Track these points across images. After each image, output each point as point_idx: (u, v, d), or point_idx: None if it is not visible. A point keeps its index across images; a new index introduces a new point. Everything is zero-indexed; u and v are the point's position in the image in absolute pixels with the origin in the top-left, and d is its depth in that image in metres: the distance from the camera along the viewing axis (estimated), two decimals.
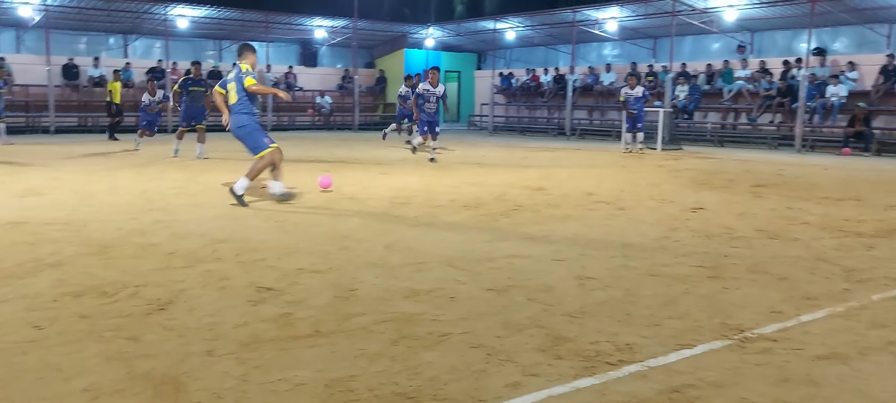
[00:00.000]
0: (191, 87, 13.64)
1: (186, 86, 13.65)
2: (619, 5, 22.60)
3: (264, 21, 25.46)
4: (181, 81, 13.80)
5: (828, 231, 6.66)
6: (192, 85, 13.69)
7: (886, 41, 19.64)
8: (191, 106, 13.64)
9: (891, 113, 17.71)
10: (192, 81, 13.73)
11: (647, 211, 7.76)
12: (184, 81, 13.74)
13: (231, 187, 7.95)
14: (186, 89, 13.62)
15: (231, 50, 28.12)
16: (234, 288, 4.48)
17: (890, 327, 3.87)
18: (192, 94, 13.64)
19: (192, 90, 13.65)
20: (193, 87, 13.68)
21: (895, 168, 13.32)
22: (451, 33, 30.10)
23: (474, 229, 6.58)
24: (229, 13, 25.16)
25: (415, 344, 3.51)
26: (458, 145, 18.67)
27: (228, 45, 28.10)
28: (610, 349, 3.48)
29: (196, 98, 13.71)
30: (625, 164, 13.48)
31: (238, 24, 26.12)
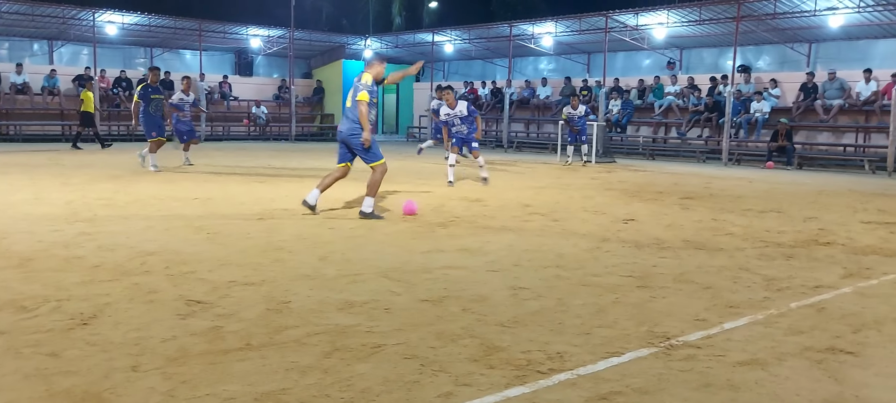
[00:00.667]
0: (152, 96, 12.73)
1: (147, 94, 12.69)
2: (555, 21, 23.07)
3: (197, 29, 24.97)
4: (140, 90, 12.81)
5: (750, 241, 6.93)
6: (152, 92, 12.76)
7: (806, 59, 20.60)
8: (154, 116, 12.73)
9: (811, 128, 18.56)
10: (151, 89, 12.80)
11: (581, 222, 7.92)
12: (143, 89, 12.76)
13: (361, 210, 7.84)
14: (147, 98, 12.67)
15: (162, 58, 27.49)
16: (163, 301, 4.37)
17: (806, 333, 4.04)
18: (154, 103, 12.75)
19: (154, 98, 12.76)
20: (154, 95, 12.79)
21: (814, 181, 13.95)
22: (389, 45, 30.13)
23: (411, 240, 6.59)
24: (160, 20, 24.61)
25: (348, 356, 3.49)
26: (397, 157, 18.67)
27: (160, 53, 27.47)
28: (541, 357, 3.53)
29: (157, 107, 12.86)
30: (560, 177, 13.73)
31: (170, 31, 25.55)
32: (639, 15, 20.94)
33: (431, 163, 16.62)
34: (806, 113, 18.53)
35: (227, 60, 29.17)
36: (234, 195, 9.62)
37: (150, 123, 12.66)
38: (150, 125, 12.66)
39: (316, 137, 28.16)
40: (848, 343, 3.89)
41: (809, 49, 20.67)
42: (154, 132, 12.68)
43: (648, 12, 20.69)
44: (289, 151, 20.12)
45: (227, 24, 26.40)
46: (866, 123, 17.73)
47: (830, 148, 18.40)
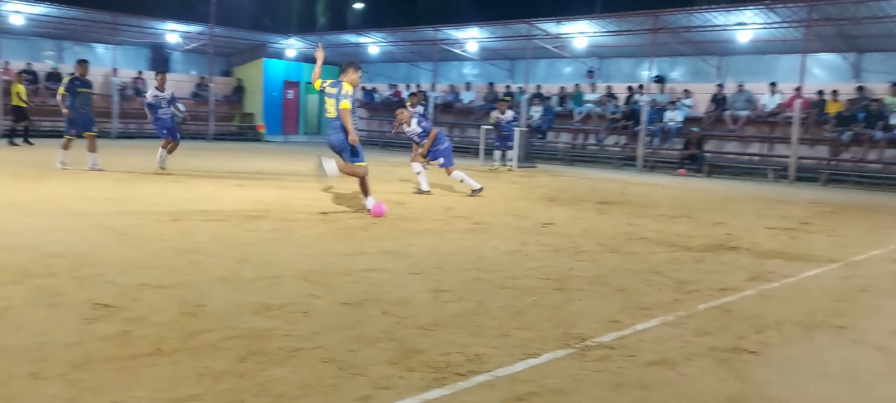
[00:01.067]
0: (79, 89, 11.99)
1: (74, 87, 11.93)
2: (479, 27, 23.32)
3: (111, 23, 23.99)
4: (67, 82, 12.01)
5: (662, 245, 7.18)
6: (80, 86, 12.03)
7: (716, 71, 21.53)
8: (79, 111, 11.97)
9: (720, 138, 19.40)
10: (79, 82, 12.05)
11: (502, 225, 8.02)
12: (70, 82, 11.99)
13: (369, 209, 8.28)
14: (74, 92, 11.92)
15: (73, 51, 26.27)
16: (68, 305, 4.17)
17: (713, 334, 4.22)
18: (80, 97, 12.00)
19: (81, 92, 12.03)
20: (82, 89, 12.05)
21: (723, 188, 14.58)
22: (312, 45, 29.72)
23: (332, 243, 6.52)
24: (71, 12, 23.47)
25: (264, 361, 3.42)
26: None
27: (70, 46, 26.25)
28: (460, 360, 3.56)
29: (84, 101, 12.11)
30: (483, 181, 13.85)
31: (82, 24, 24.45)
32: (561, 23, 21.41)
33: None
34: (715, 123, 19.36)
35: (142, 55, 28.16)
36: (148, 195, 9.29)
37: (76, 118, 12.00)
38: (75, 120, 12.01)
39: (235, 137, 27.49)
40: (751, 343, 4.08)
41: (719, 62, 21.61)
42: (73, 130, 12.02)
43: (570, 21, 21.18)
44: (207, 150, 19.57)
45: (142, 19, 25.46)
46: (771, 134, 18.66)
47: (738, 156, 19.28)
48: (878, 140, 16.41)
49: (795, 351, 3.99)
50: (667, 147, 19.65)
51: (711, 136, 19.44)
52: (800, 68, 16.95)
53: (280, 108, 29.71)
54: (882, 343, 4.23)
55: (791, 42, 19.08)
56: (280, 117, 29.63)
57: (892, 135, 16.25)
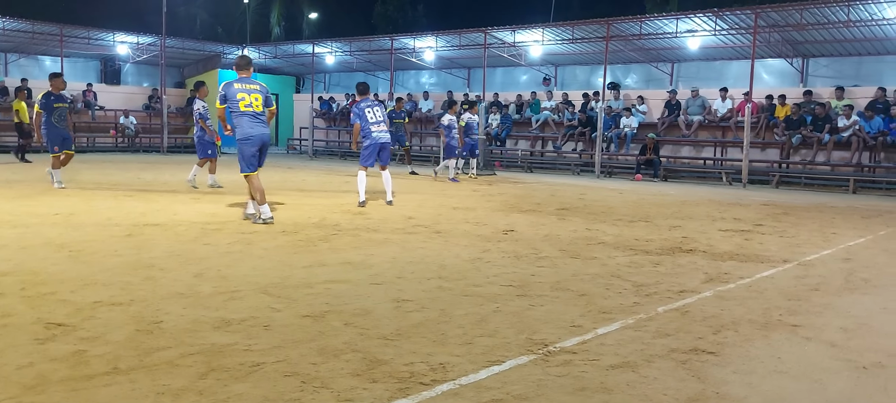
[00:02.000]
0: (55, 104, 11.49)
1: (50, 103, 11.44)
2: (435, 35, 23.38)
3: (58, 34, 23.41)
4: (42, 99, 11.49)
5: (621, 249, 7.27)
6: (56, 101, 11.53)
7: (669, 78, 21.95)
8: (57, 127, 11.48)
9: (675, 143, 19.77)
10: (55, 97, 11.55)
11: (462, 234, 8.03)
12: (46, 98, 11.47)
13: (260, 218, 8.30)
14: (50, 108, 11.42)
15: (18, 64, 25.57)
16: (18, 325, 4.04)
17: (672, 336, 4.29)
18: (57, 112, 11.50)
19: (58, 107, 11.53)
20: (58, 104, 11.55)
21: (678, 192, 14.84)
22: (267, 55, 29.46)
23: (292, 255, 6.45)
24: (17, 24, 22.85)
25: (224, 376, 3.36)
26: (277, 170, 18.26)
27: (16, 58, 25.54)
28: (424, 369, 3.55)
29: (62, 116, 11.65)
30: (443, 189, 13.88)
31: (28, 36, 23.80)
32: (516, 32, 21.60)
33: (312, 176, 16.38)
34: (670, 128, 19.72)
35: (92, 68, 27.53)
36: (101, 210, 9.07)
37: (53, 135, 11.47)
38: (54, 137, 11.48)
39: (190, 149, 26.96)
40: (709, 343, 4.16)
41: (672, 68, 22.04)
42: (56, 146, 11.48)
43: (525, 30, 21.38)
44: (161, 163, 19.21)
45: (91, 30, 24.90)
46: (723, 138, 19.09)
47: (692, 161, 19.67)
48: (826, 143, 16.90)
49: (752, 350, 4.07)
50: (623, 152, 19.94)
51: (666, 141, 19.79)
52: (749, 74, 17.38)
53: None
54: (834, 339, 4.35)
55: (740, 48, 19.57)
56: None
57: (838, 137, 16.75)
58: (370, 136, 10.33)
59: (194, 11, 42.92)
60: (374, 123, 10.37)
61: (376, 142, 10.33)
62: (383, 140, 10.38)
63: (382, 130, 10.40)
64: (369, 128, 10.33)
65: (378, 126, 10.38)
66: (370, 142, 10.34)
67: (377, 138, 10.34)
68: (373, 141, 10.33)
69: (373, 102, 10.61)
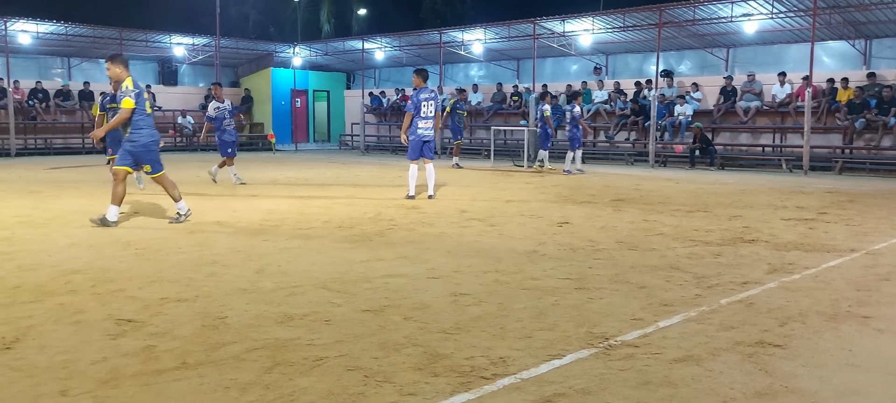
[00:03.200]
0: (109, 105, 10.89)
1: (104, 103, 11.06)
2: (484, 28, 23.29)
3: (118, 38, 24.13)
4: (100, 99, 11.16)
5: (680, 241, 7.14)
6: (110, 102, 10.76)
7: (725, 64, 21.42)
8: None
9: (732, 130, 19.29)
10: (110, 98, 10.77)
11: (518, 226, 8.00)
12: (102, 97, 11.09)
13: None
14: (107, 108, 10.94)
15: (81, 67, 26.45)
16: (91, 321, 4.19)
17: (737, 328, 4.19)
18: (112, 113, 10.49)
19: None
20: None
21: (737, 181, 14.49)
22: (318, 53, 29.83)
23: (349, 250, 6.52)
24: (78, 29, 23.64)
25: (289, 371, 3.42)
26: (331, 165, 18.49)
27: (78, 63, 26.43)
28: (485, 363, 3.55)
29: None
30: (495, 182, 13.85)
31: (89, 40, 24.58)
32: (565, 22, 21.35)
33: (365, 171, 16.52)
34: (726, 115, 19.25)
35: (150, 69, 28.31)
36: (163, 208, 9.33)
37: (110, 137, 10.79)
38: (111, 140, 10.87)
39: (244, 147, 27.56)
40: (776, 336, 4.05)
41: (727, 53, 21.49)
42: (110, 149, 11.02)
43: (575, 19, 21.12)
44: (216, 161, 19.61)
45: (148, 33, 25.60)
46: (782, 124, 18.55)
47: (750, 148, 19.16)
48: (892, 126, 16.27)
49: (821, 343, 3.95)
50: (678, 141, 19.56)
51: (722, 129, 19.34)
52: (809, 57, 16.83)
53: (289, 117, 29.82)
54: None
55: (799, 31, 18.95)
56: (289, 126, 29.74)
57: None
58: (415, 132, 10.41)
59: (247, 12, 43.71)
60: (424, 118, 10.41)
61: (420, 139, 10.42)
62: (427, 137, 10.43)
63: (429, 127, 10.45)
64: (417, 124, 10.39)
65: (426, 122, 10.42)
66: (414, 138, 10.43)
67: (422, 135, 10.41)
68: (417, 137, 10.42)
69: (431, 94, 10.54)
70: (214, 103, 13.11)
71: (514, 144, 22.34)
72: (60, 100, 23.80)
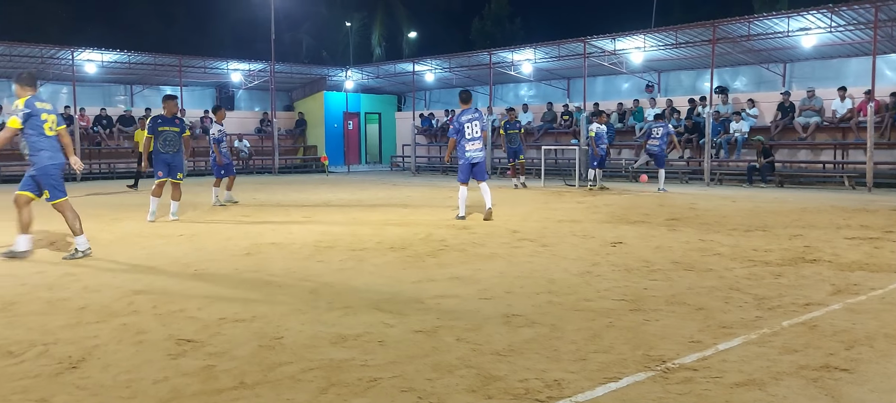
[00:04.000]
0: (161, 127, 10.75)
1: (155, 126, 10.78)
2: (534, 47, 23.28)
3: (177, 65, 24.93)
4: (150, 122, 10.93)
5: (738, 261, 6.97)
6: (162, 124, 10.78)
7: (782, 80, 20.93)
8: (162, 152, 10.74)
9: (790, 147, 18.80)
10: (162, 120, 10.83)
11: (570, 247, 7.93)
12: (153, 121, 10.88)
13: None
14: (156, 131, 10.74)
15: (143, 94, 27.38)
16: (152, 341, 4.30)
17: (801, 352, 4.06)
18: (163, 136, 10.75)
19: (164, 131, 10.76)
20: (164, 127, 10.78)
21: (796, 199, 14.09)
22: (370, 76, 30.25)
23: (401, 271, 6.56)
24: (140, 57, 24.54)
25: (344, 392, 3.44)
26: (382, 187, 18.66)
27: (140, 90, 27.36)
28: (539, 386, 3.51)
29: (168, 141, 10.80)
30: (547, 202, 13.77)
31: (150, 68, 25.48)
32: (616, 40, 21.19)
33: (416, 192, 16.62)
34: (784, 131, 18.78)
35: (208, 95, 29.13)
36: (220, 230, 9.55)
37: (156, 160, 10.85)
38: (157, 163, 10.85)
39: (299, 169, 28.10)
40: (842, 360, 3.91)
41: (784, 69, 21.01)
42: (159, 171, 10.80)
43: (626, 37, 20.94)
44: (273, 184, 20.03)
45: (207, 59, 26.39)
46: (843, 140, 17.99)
47: (809, 165, 18.63)
48: None
49: (890, 367, 3.80)
50: (734, 159, 19.15)
51: (780, 146, 18.86)
52: (870, 71, 16.31)
53: (341, 139, 30.26)
54: None
55: (859, 45, 18.41)
56: (342, 148, 30.17)
57: None
58: (463, 155, 10.27)
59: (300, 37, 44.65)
60: (470, 140, 10.22)
61: (468, 162, 10.28)
62: (476, 159, 10.26)
63: (477, 148, 10.24)
64: (464, 147, 10.24)
65: (473, 143, 10.22)
66: (463, 161, 10.29)
67: (470, 157, 10.25)
68: (466, 160, 10.27)
69: (475, 115, 10.34)
70: (217, 125, 13.47)
71: (564, 164, 22.20)
72: (123, 126, 24.65)
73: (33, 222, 7.58)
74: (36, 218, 7.78)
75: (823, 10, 16.95)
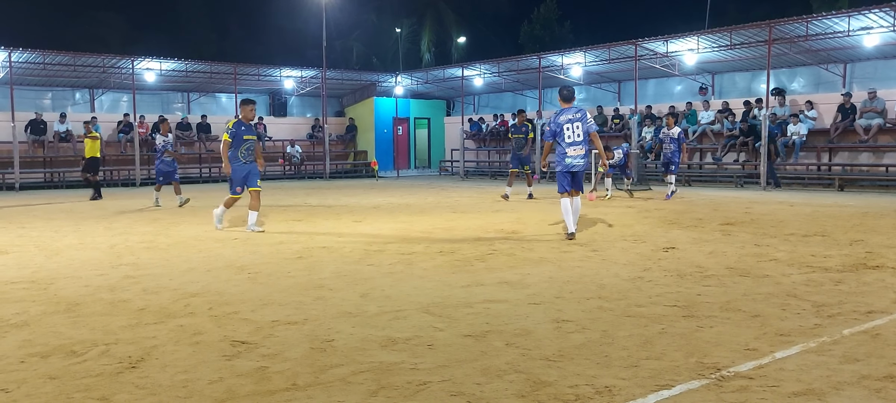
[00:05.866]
0: (245, 136, 9.90)
1: (239, 132, 9.84)
2: (584, 51, 23.09)
3: (232, 73, 25.51)
4: (232, 127, 9.87)
5: (796, 267, 6.78)
6: (246, 132, 9.92)
7: (842, 80, 20.29)
8: (243, 163, 9.91)
9: (851, 149, 18.20)
10: (245, 127, 9.96)
11: (620, 251, 7.83)
12: (235, 127, 9.86)
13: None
14: (239, 138, 9.84)
15: (199, 101, 28.07)
16: (208, 342, 4.41)
17: (862, 361, 3.92)
18: (245, 146, 9.90)
19: (247, 140, 9.93)
20: (248, 136, 9.94)
21: (857, 203, 13.64)
22: (419, 81, 30.41)
23: (450, 275, 6.58)
24: (197, 65, 25.21)
25: (394, 395, 3.47)
26: (431, 191, 18.73)
27: (196, 97, 28.07)
28: (589, 392, 3.48)
29: (249, 151, 9.97)
30: (596, 206, 13.62)
31: (206, 76, 26.15)
32: (668, 42, 20.86)
33: (464, 197, 16.62)
34: (845, 134, 18.19)
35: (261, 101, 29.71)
36: (273, 234, 9.72)
37: (235, 173, 9.91)
38: (235, 176, 9.94)
39: (350, 174, 28.43)
40: None
41: (845, 69, 20.37)
42: (238, 187, 9.95)
43: (678, 39, 20.59)
44: (324, 189, 20.30)
45: (260, 67, 26.96)
46: None
47: (872, 168, 18.01)
48: None
49: None
50: (791, 162, 18.63)
51: (840, 148, 18.28)
52: None
53: (391, 144, 30.51)
54: None
55: None
56: (391, 153, 30.42)
57: None
58: (563, 162, 8.88)
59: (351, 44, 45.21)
60: (571, 144, 8.80)
61: (568, 169, 8.86)
62: (577, 167, 8.85)
63: (579, 154, 8.81)
64: (564, 151, 8.83)
65: (574, 148, 8.79)
66: (561, 168, 8.90)
67: (571, 164, 8.84)
68: (564, 167, 8.87)
69: (577, 116, 8.85)
70: (161, 137, 14.74)
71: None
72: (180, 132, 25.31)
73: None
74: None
75: (886, 8, 16.37)
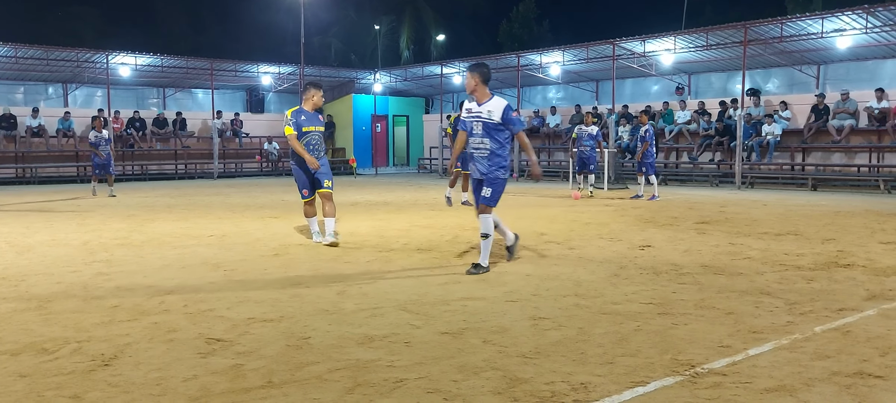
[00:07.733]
0: (305, 127, 8.15)
1: (299, 124, 8.11)
2: (562, 50, 23.20)
3: (209, 68, 25.27)
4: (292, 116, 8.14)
5: (769, 265, 6.86)
6: (307, 123, 8.17)
7: (815, 81, 20.59)
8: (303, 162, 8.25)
9: (824, 150, 18.48)
10: (306, 117, 8.20)
11: (597, 249, 7.88)
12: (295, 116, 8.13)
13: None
14: (300, 130, 8.12)
15: (175, 97, 27.78)
16: (182, 340, 4.36)
17: (833, 358, 3.98)
18: (307, 138, 8.18)
19: (308, 132, 8.18)
20: (309, 127, 8.18)
21: (829, 202, 13.84)
22: (398, 78, 30.36)
23: (428, 272, 6.57)
24: (172, 61, 24.92)
25: (370, 392, 3.46)
26: (409, 189, 18.71)
27: (172, 93, 27.78)
28: (565, 389, 3.49)
29: (315, 146, 8.28)
30: (574, 205, 13.70)
31: (182, 71, 25.88)
32: (646, 42, 21.03)
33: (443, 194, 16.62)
34: (818, 134, 18.47)
35: (238, 98, 29.51)
36: (249, 232, 9.65)
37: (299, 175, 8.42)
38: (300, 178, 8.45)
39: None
40: (876, 366, 3.83)
41: (818, 70, 20.68)
42: (304, 190, 8.48)
43: (655, 39, 20.77)
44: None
45: (238, 63, 26.72)
46: (879, 143, 17.64)
47: (844, 168, 18.30)
48: None
49: None
50: (766, 162, 18.88)
51: (814, 148, 18.56)
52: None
53: (370, 142, 30.43)
54: None
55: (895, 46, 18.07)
56: (370, 150, 30.33)
57: None
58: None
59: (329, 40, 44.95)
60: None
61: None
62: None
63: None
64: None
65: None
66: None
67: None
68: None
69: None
70: (94, 132, 15.87)
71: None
72: (156, 129, 25.05)
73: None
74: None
75: (859, 10, 16.64)
